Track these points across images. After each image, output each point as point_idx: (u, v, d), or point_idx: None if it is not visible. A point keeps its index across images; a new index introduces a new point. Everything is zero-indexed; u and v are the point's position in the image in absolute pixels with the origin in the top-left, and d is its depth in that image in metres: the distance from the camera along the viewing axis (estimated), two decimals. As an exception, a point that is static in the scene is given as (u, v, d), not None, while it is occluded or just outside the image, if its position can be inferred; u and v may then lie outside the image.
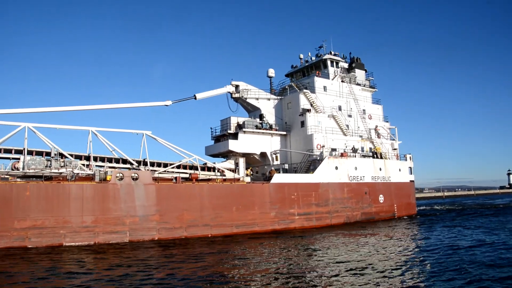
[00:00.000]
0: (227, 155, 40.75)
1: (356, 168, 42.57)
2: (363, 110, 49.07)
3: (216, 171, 36.12)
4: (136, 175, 29.64)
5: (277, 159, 42.33)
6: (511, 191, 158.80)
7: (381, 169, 45.33)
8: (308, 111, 43.04)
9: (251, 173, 39.30)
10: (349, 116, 47.26)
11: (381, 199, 44.71)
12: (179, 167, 34.74)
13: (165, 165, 34.26)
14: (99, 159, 32.01)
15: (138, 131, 33.40)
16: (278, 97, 46.33)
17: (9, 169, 27.98)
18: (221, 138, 41.79)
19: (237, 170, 38.35)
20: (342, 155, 41.97)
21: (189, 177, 33.73)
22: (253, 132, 41.01)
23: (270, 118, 44.62)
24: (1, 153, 28.46)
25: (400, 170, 48.30)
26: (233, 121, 41.33)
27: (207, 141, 45.29)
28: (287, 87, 47.53)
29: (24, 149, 28.51)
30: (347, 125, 46.18)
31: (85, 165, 30.64)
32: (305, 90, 44.02)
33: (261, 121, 42.54)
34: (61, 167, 28.81)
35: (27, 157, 28.39)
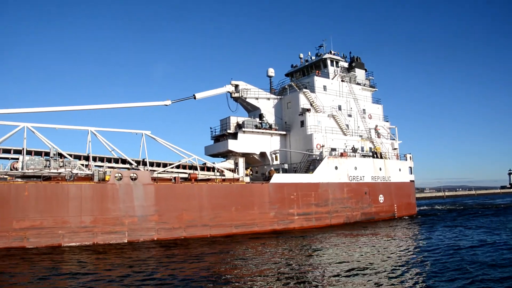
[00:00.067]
0: (227, 155, 40.66)
1: (356, 168, 42.47)
2: (363, 109, 48.95)
3: (215, 171, 36.05)
4: (135, 175, 29.58)
5: (276, 159, 42.23)
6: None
7: (381, 169, 45.22)
8: (307, 110, 42.94)
9: (251, 173, 39.23)
10: (349, 115, 47.14)
11: (381, 199, 44.61)
12: (178, 167, 34.67)
13: (165, 165, 34.19)
14: (98, 159, 31.95)
15: (137, 131, 33.35)
16: (277, 97, 46.23)
17: (8, 169, 27.93)
18: (221, 138, 41.71)
19: (236, 170, 38.27)
20: (342, 155, 41.87)
21: (188, 177, 33.66)
22: (252, 132, 40.92)
23: (269, 117, 44.52)
24: (0, 153, 28.42)
25: (400, 170, 48.18)
26: (233, 121, 41.23)
27: (207, 141, 45.19)
28: (287, 86, 47.42)
29: (23, 149, 28.45)
30: (347, 125, 46.07)
31: (84, 165, 30.59)
32: (305, 89, 43.92)
33: (260, 121, 42.44)
34: (60, 167, 28.74)
35: (26, 157, 28.31)
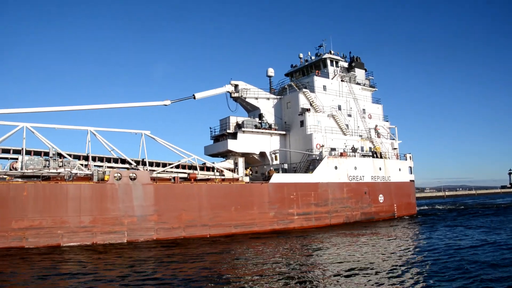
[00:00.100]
0: (226, 155, 40.63)
1: (355, 167, 42.42)
2: (363, 109, 48.91)
3: (215, 171, 36.02)
4: (134, 175, 29.55)
5: (276, 159, 42.16)
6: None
7: (380, 169, 45.17)
8: (307, 110, 42.90)
9: (250, 173, 39.19)
10: (349, 115, 47.09)
11: (381, 199, 44.56)
12: (178, 167, 34.63)
13: (164, 165, 34.15)
14: (97, 159, 31.92)
15: (137, 131, 33.31)
16: (277, 97, 46.20)
17: (7, 169, 27.92)
18: (220, 137, 41.67)
19: (236, 170, 38.23)
20: (341, 154, 41.83)
21: (187, 177, 33.62)
22: (252, 131, 40.88)
23: (269, 117, 44.49)
24: (-1, 153, 28.43)
25: (400, 169, 48.13)
26: (232, 120, 41.19)
27: (206, 140, 45.23)
28: (287, 86, 47.37)
29: (22, 149, 28.43)
30: (347, 125, 46.02)
31: (83, 165, 30.57)
32: (305, 89, 43.88)
33: (260, 121, 42.41)
34: (59, 167, 28.72)
35: (25, 157, 28.29)
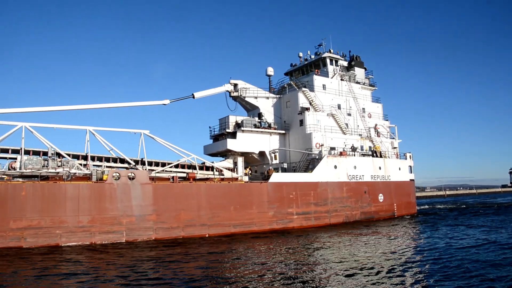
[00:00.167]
0: (226, 154, 40.57)
1: (355, 167, 42.33)
2: (363, 108, 48.80)
3: (214, 170, 35.96)
4: (132, 175, 29.51)
5: (276, 158, 42.11)
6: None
7: (380, 168, 45.07)
8: (307, 109, 42.81)
9: (250, 172, 39.13)
10: (349, 114, 46.99)
11: (381, 198, 44.47)
12: (177, 167, 34.56)
13: (163, 165, 34.09)
14: (96, 158, 31.87)
15: (136, 130, 33.26)
16: (277, 96, 46.12)
17: (6, 169, 27.90)
18: (220, 137, 41.61)
19: (235, 169, 38.16)
20: (341, 154, 41.74)
21: (186, 177, 33.57)
22: (251, 131, 40.80)
23: (269, 117, 44.42)
24: (-2, 153, 28.40)
25: (400, 169, 48.02)
26: (232, 120, 41.12)
27: (206, 140, 45.15)
28: (286, 85, 47.29)
29: (21, 148, 28.39)
30: (347, 124, 45.92)
31: (82, 165, 30.54)
32: (304, 88, 43.78)
33: (259, 120, 42.33)
34: (58, 166, 28.68)
35: (24, 157, 28.26)
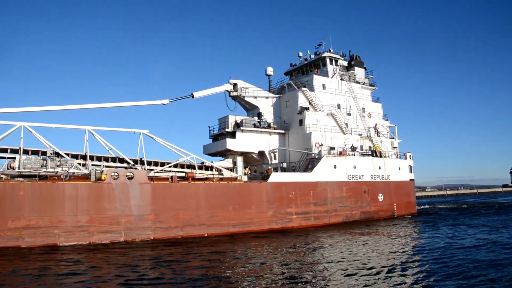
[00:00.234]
0: (225, 154, 40.51)
1: (355, 166, 42.24)
2: (363, 108, 48.70)
3: (213, 170, 35.90)
4: (131, 174, 29.47)
5: (275, 158, 42.08)
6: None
7: (380, 168, 44.98)
8: (306, 109, 42.74)
9: (249, 172, 39.06)
10: (348, 114, 46.90)
11: (381, 198, 44.38)
12: (176, 166, 34.52)
13: (162, 164, 34.04)
14: (95, 158, 31.84)
15: (135, 130, 33.21)
16: (276, 96, 46.06)
17: (5, 169, 27.88)
18: (219, 136, 41.56)
19: (235, 169, 38.11)
20: (340, 153, 41.66)
21: (185, 176, 33.52)
22: (251, 130, 40.74)
23: (268, 116, 44.35)
24: (-4, 152, 28.38)
25: (399, 168, 47.92)
26: (231, 119, 41.06)
27: (205, 140, 45.10)
28: (286, 85, 47.21)
29: (20, 148, 28.37)
30: (346, 124, 45.83)
31: (81, 165, 30.50)
32: (304, 88, 43.71)
33: (259, 120, 42.26)
34: (57, 166, 28.65)
35: (23, 157, 28.25)
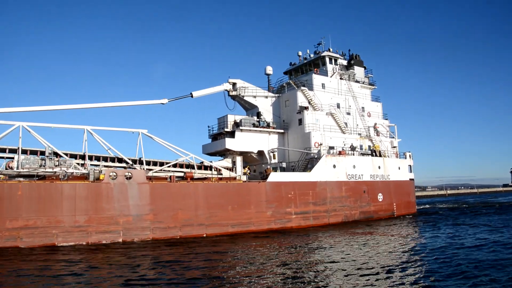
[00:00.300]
0: (224, 153, 40.44)
1: (354, 166, 42.15)
2: (362, 107, 48.59)
3: (213, 169, 35.84)
4: (129, 174, 29.40)
5: (274, 158, 42.01)
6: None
7: (380, 167, 44.88)
8: (306, 108, 42.64)
9: (249, 172, 38.99)
10: (348, 113, 46.80)
11: (380, 197, 44.28)
12: (175, 166, 34.45)
13: (161, 164, 33.99)
14: (94, 158, 31.79)
15: (134, 129, 33.17)
16: (275, 95, 45.97)
17: (3, 168, 27.84)
18: (218, 136, 41.49)
19: (234, 168, 38.05)
20: (340, 153, 41.57)
21: (184, 176, 33.45)
22: (250, 130, 40.65)
23: (267, 116, 44.27)
24: (-5, 152, 28.34)
25: (399, 168, 47.81)
26: (230, 119, 41.00)
27: (205, 139, 45.05)
28: (285, 84, 47.13)
29: (18, 148, 28.33)
30: (346, 123, 45.74)
31: (80, 164, 30.46)
32: (303, 87, 43.60)
33: (258, 119, 42.18)
34: (56, 166, 28.62)
35: (21, 156, 28.22)
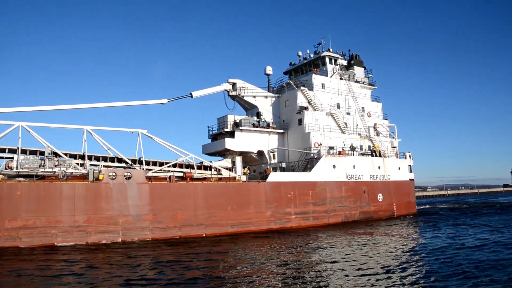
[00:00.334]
0: (224, 153, 40.39)
1: (354, 166, 42.08)
2: (362, 107, 48.53)
3: (212, 170, 35.79)
4: (129, 174, 29.37)
5: (274, 158, 41.98)
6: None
7: (380, 168, 44.81)
8: (305, 108, 42.60)
9: (248, 172, 38.93)
10: (348, 113, 46.74)
11: (380, 198, 44.22)
12: (175, 166, 34.42)
13: (161, 164, 33.95)
14: (94, 158, 31.75)
15: (133, 129, 33.13)
16: (275, 95, 45.93)
17: (3, 168, 27.82)
18: (218, 136, 41.45)
19: (234, 168, 38.01)
20: (340, 153, 41.51)
21: (183, 176, 33.40)
22: (250, 130, 40.61)
23: (267, 116, 44.23)
24: (-5, 152, 28.30)
25: (399, 168, 47.75)
26: (230, 119, 40.95)
27: (204, 139, 45.03)
28: (285, 84, 47.08)
29: (18, 148, 28.31)
30: (346, 123, 45.68)
31: (79, 164, 30.42)
32: (303, 87, 43.55)
33: (258, 119, 42.14)
34: (55, 166, 28.58)
35: (21, 156, 28.21)
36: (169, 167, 33.82)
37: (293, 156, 42.32)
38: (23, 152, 28.98)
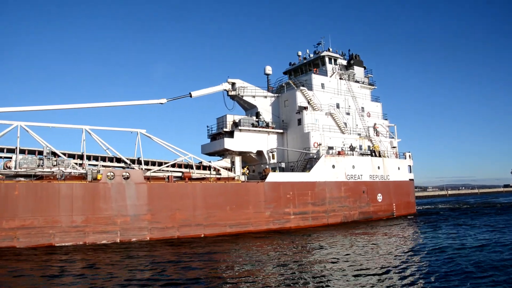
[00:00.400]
0: (223, 153, 40.31)
1: (353, 166, 41.96)
2: (362, 107, 48.41)
3: (211, 169, 35.68)
4: (127, 174, 29.26)
5: (273, 158, 41.86)
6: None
7: (379, 168, 44.69)
8: (305, 108, 42.49)
9: (247, 172, 38.82)
10: (347, 113, 46.62)
11: (380, 198, 44.08)
12: (174, 166, 34.31)
13: (160, 164, 33.84)
14: (92, 158, 31.64)
15: (132, 129, 33.04)
16: (275, 95, 45.83)
17: (1, 168, 27.74)
18: (217, 136, 41.36)
19: (233, 168, 37.90)
20: (339, 153, 41.39)
21: (182, 176, 33.29)
22: (249, 130, 40.51)
23: (267, 116, 44.13)
24: (-7, 151, 28.22)
25: (399, 168, 47.62)
26: (229, 119, 40.87)
27: (203, 139, 44.91)
28: (284, 84, 46.97)
29: (16, 148, 28.22)
30: (345, 123, 45.57)
31: (78, 164, 30.32)
32: (302, 87, 43.44)
33: (257, 119, 42.03)
34: (54, 166, 28.48)
35: (19, 156, 28.10)
36: (168, 167, 33.71)
37: (293, 156, 42.21)
38: (22, 151, 28.91)
